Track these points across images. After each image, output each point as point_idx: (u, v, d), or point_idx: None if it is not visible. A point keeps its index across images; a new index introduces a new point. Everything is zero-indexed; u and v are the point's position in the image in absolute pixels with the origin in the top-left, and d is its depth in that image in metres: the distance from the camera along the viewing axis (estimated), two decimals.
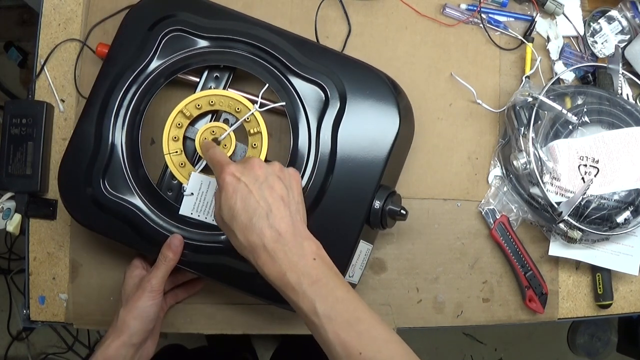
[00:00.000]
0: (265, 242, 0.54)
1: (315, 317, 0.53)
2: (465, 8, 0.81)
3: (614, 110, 0.76)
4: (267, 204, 0.56)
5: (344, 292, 0.55)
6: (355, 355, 0.51)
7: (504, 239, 0.79)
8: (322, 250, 0.57)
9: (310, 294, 0.53)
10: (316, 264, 0.55)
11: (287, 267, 0.54)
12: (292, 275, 0.54)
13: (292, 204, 0.58)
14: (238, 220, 0.56)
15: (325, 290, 0.54)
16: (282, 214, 0.56)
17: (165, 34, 0.69)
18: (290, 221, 0.56)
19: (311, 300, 0.53)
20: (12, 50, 1.66)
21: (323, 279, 0.54)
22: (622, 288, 0.82)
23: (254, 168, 0.58)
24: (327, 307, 0.53)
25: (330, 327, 0.52)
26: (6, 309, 1.67)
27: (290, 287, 0.54)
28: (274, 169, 0.59)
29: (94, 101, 0.69)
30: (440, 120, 0.80)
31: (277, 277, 0.54)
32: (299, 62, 0.68)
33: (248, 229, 0.55)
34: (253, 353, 1.54)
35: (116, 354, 0.62)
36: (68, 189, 0.69)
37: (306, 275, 0.54)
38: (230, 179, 0.57)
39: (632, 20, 0.83)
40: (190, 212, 0.68)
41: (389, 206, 0.67)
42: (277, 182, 0.57)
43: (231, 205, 0.56)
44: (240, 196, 0.56)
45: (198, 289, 0.75)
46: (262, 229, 0.55)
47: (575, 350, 1.77)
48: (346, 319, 0.53)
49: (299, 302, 0.54)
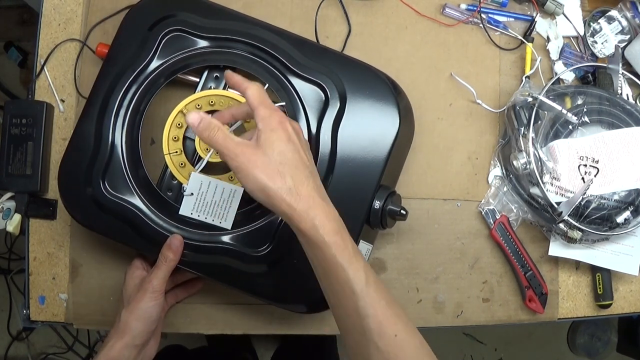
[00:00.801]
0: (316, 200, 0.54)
1: (366, 284, 0.52)
2: (465, 8, 0.81)
3: (614, 110, 0.76)
4: (310, 166, 0.56)
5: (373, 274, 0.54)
6: (390, 336, 0.51)
7: (504, 239, 0.79)
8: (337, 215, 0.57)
9: (361, 265, 0.53)
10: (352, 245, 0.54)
11: (340, 228, 0.54)
12: (344, 238, 0.53)
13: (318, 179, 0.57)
14: (291, 166, 0.54)
15: (365, 265, 0.53)
16: (317, 182, 0.56)
17: (165, 34, 0.69)
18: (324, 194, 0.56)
19: (362, 270, 0.52)
20: (12, 50, 1.66)
21: (360, 256, 0.54)
22: (622, 288, 0.82)
23: (292, 123, 0.57)
24: (368, 280, 0.52)
25: (370, 300, 0.51)
26: (6, 309, 1.67)
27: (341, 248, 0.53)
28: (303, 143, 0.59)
29: (94, 101, 0.69)
30: (440, 120, 0.80)
31: (328, 232, 0.53)
32: (299, 62, 0.68)
33: (300, 181, 0.54)
34: (253, 353, 1.54)
35: (119, 355, 0.62)
36: (68, 189, 0.69)
37: (352, 248, 0.53)
38: (285, 124, 0.55)
39: (632, 20, 0.83)
40: (190, 212, 0.68)
41: (389, 206, 0.67)
42: (308, 152, 0.58)
43: (283, 150, 0.54)
44: (292, 147, 0.55)
45: (198, 289, 0.75)
46: (314, 186, 0.54)
47: (575, 350, 1.77)
48: (384, 297, 0.52)
49: (345, 266, 0.52)
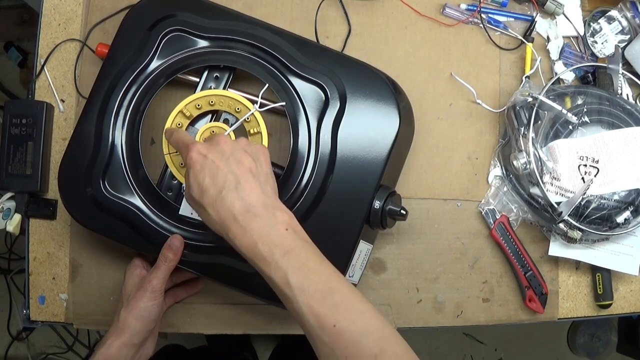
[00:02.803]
0: (235, 213, 0.54)
1: (287, 288, 0.52)
2: (465, 8, 0.81)
3: (614, 110, 0.76)
4: (235, 177, 0.55)
5: (317, 263, 0.53)
6: (329, 327, 0.50)
7: (504, 239, 0.79)
8: (295, 220, 0.56)
9: (282, 264, 0.52)
10: (288, 234, 0.54)
11: (259, 238, 0.53)
12: (264, 246, 0.53)
13: (261, 175, 0.57)
14: (207, 195, 0.55)
15: (298, 260, 0.52)
16: (251, 185, 0.55)
17: (165, 34, 0.69)
18: (261, 192, 0.56)
19: (283, 271, 0.52)
20: (12, 50, 1.66)
21: (295, 249, 0.53)
22: (622, 288, 0.82)
23: (220, 144, 0.57)
24: (299, 278, 0.52)
25: (303, 298, 0.51)
26: (6, 309, 1.67)
27: (262, 258, 0.53)
28: (241, 143, 0.59)
29: (94, 101, 0.69)
30: (440, 120, 0.80)
31: (248, 248, 0.53)
32: (299, 62, 0.68)
33: (218, 203, 0.54)
34: (253, 353, 1.54)
35: (117, 354, 0.62)
36: (68, 189, 0.69)
37: (278, 245, 0.53)
38: (197, 156, 0.57)
39: (632, 20, 0.83)
40: (190, 212, 0.68)
41: (389, 206, 0.67)
42: (245, 156, 0.57)
43: (199, 181, 0.56)
44: (209, 172, 0.55)
45: (198, 289, 0.75)
46: (232, 202, 0.54)
47: (575, 350, 1.77)
48: (319, 289, 0.51)
49: (271, 274, 0.52)
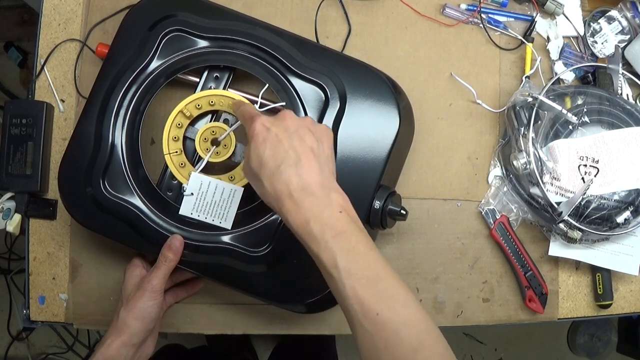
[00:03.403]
0: (291, 189, 0.53)
1: (334, 270, 0.51)
2: (465, 8, 0.81)
3: (614, 110, 0.76)
4: (296, 154, 0.55)
5: (366, 248, 0.53)
6: (372, 315, 0.49)
7: (504, 239, 0.79)
8: (349, 204, 0.55)
9: (332, 245, 0.51)
10: (341, 216, 0.53)
11: (312, 216, 0.52)
12: (316, 225, 0.52)
13: (322, 156, 0.57)
14: (266, 167, 0.55)
15: (348, 243, 0.52)
16: (310, 164, 0.55)
17: (165, 34, 0.69)
18: (319, 171, 0.55)
19: (332, 253, 0.51)
20: (12, 50, 1.66)
21: (347, 232, 0.52)
22: (622, 288, 0.82)
23: (285, 119, 0.57)
24: (348, 261, 0.51)
25: (349, 282, 0.50)
26: (6, 309, 1.67)
27: (312, 236, 0.52)
28: (306, 122, 0.58)
29: (94, 101, 0.69)
30: (440, 120, 0.80)
31: (300, 225, 0.53)
32: (299, 62, 0.68)
33: (275, 176, 0.54)
34: (253, 353, 1.54)
35: (117, 354, 0.62)
36: (68, 189, 0.69)
37: (330, 226, 0.52)
38: (260, 128, 0.56)
39: (632, 20, 0.83)
40: (190, 212, 0.68)
41: (389, 206, 0.67)
42: (308, 134, 0.57)
43: (260, 153, 0.55)
44: (270, 144, 0.55)
45: (198, 289, 0.74)
46: (289, 177, 0.54)
47: (575, 350, 1.77)
48: (366, 275, 0.51)
49: (319, 253, 0.52)
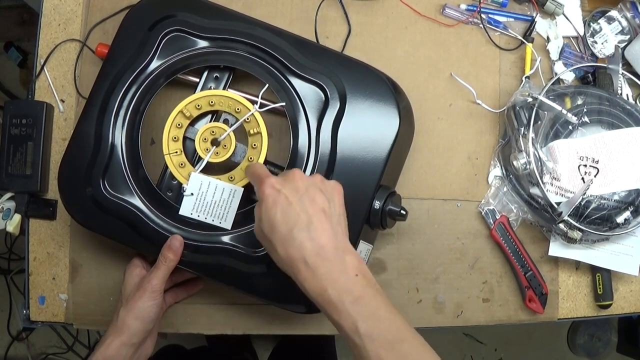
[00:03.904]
0: (305, 255, 0.52)
1: (356, 336, 0.50)
2: (465, 8, 0.81)
3: (613, 110, 0.76)
4: (307, 216, 0.54)
5: (386, 311, 0.52)
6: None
7: (504, 239, 0.79)
8: (364, 265, 0.55)
9: (352, 312, 0.51)
10: (358, 280, 0.53)
11: (329, 283, 0.52)
12: (334, 292, 0.51)
13: (334, 216, 0.56)
14: (278, 232, 0.54)
15: (368, 308, 0.51)
16: (323, 226, 0.54)
17: (165, 34, 0.69)
18: (332, 234, 0.54)
19: (353, 319, 0.51)
20: (12, 50, 1.67)
21: (365, 297, 0.52)
22: (622, 288, 0.82)
23: (295, 179, 0.56)
24: (369, 327, 0.50)
25: (373, 347, 0.50)
26: (6, 309, 1.67)
27: (332, 304, 0.51)
28: (315, 180, 0.57)
29: (94, 101, 0.69)
30: (440, 120, 0.80)
31: (318, 293, 0.52)
32: (299, 62, 0.68)
33: (288, 241, 0.53)
34: (253, 353, 1.54)
35: (116, 354, 0.62)
36: (68, 189, 0.69)
37: (348, 292, 0.51)
38: (270, 190, 0.55)
39: (632, 21, 0.83)
40: (190, 213, 0.68)
41: (389, 206, 0.67)
42: (319, 194, 0.55)
43: (271, 217, 0.54)
44: (281, 208, 0.54)
45: (198, 289, 0.75)
46: (302, 242, 0.53)
47: (575, 350, 1.77)
48: (389, 339, 0.50)
49: (340, 321, 0.51)
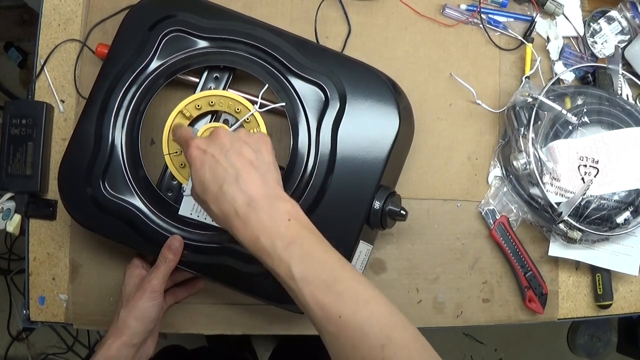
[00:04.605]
0: (236, 207, 0.53)
1: (292, 281, 0.50)
2: (465, 8, 0.81)
3: (613, 110, 0.76)
4: (235, 170, 0.54)
5: (321, 252, 0.52)
6: (334, 318, 0.49)
7: (504, 239, 0.79)
8: (298, 208, 0.55)
9: (285, 257, 0.51)
10: (291, 224, 0.53)
11: (260, 231, 0.52)
12: (266, 239, 0.51)
13: (262, 165, 0.56)
14: (209, 191, 0.54)
15: (301, 251, 0.51)
16: (252, 177, 0.54)
17: (165, 34, 0.69)
18: (262, 183, 0.54)
19: (287, 264, 0.50)
20: (12, 50, 1.67)
21: (298, 240, 0.52)
22: (622, 288, 0.82)
23: (219, 137, 0.57)
24: (303, 269, 0.50)
25: (308, 289, 0.50)
26: (6, 309, 1.67)
27: (265, 251, 0.52)
28: (240, 135, 0.58)
29: (94, 101, 0.69)
30: (440, 120, 0.80)
31: (251, 242, 0.52)
32: (299, 62, 0.68)
33: (219, 198, 0.54)
34: (253, 353, 1.54)
35: (117, 354, 0.62)
36: (68, 189, 0.69)
37: (280, 237, 0.51)
38: (196, 152, 0.56)
39: (632, 21, 0.83)
40: (189, 213, 0.68)
41: (389, 206, 0.67)
42: (245, 147, 0.56)
43: (200, 177, 0.55)
44: (209, 167, 0.55)
45: (198, 289, 0.75)
46: (233, 195, 0.53)
47: (575, 350, 1.77)
48: (324, 279, 0.50)
49: (274, 267, 0.51)
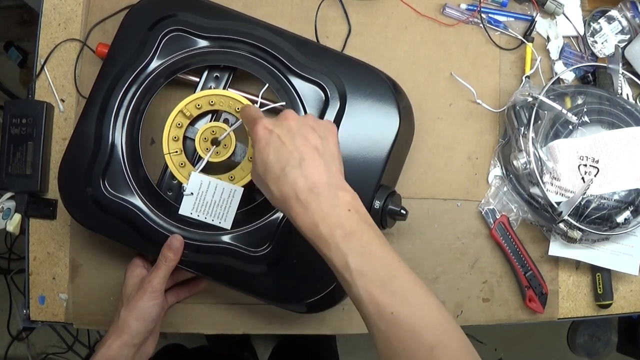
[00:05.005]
0: (297, 191, 0.52)
1: (347, 272, 0.50)
2: (465, 8, 0.81)
3: (614, 110, 0.76)
4: (300, 154, 0.54)
5: (379, 247, 0.51)
6: (387, 315, 0.48)
7: (504, 239, 0.79)
8: (359, 201, 0.54)
9: (342, 247, 0.50)
10: (350, 215, 0.52)
11: (320, 218, 0.51)
12: (325, 226, 0.51)
13: (327, 153, 0.56)
14: (271, 171, 0.54)
15: (359, 243, 0.51)
16: (315, 162, 0.54)
17: (165, 33, 0.69)
18: (325, 170, 0.54)
19: (343, 254, 0.50)
20: (12, 50, 1.67)
21: (357, 232, 0.51)
22: (622, 288, 0.82)
23: (287, 119, 0.56)
24: (360, 262, 0.50)
25: (362, 283, 0.49)
26: (6, 309, 1.67)
27: (322, 239, 0.51)
28: (308, 120, 0.57)
29: (94, 101, 0.69)
30: (440, 120, 0.80)
31: (309, 228, 0.52)
32: (299, 62, 0.68)
33: (281, 180, 0.53)
34: (253, 353, 1.54)
35: (118, 354, 0.62)
36: (68, 189, 0.69)
37: (339, 226, 0.51)
38: (262, 131, 0.56)
39: (632, 20, 0.83)
40: (190, 212, 0.68)
41: (389, 206, 0.67)
42: (311, 132, 0.56)
43: (264, 157, 0.55)
44: (273, 147, 0.54)
45: (200, 289, 0.74)
46: (295, 179, 0.52)
47: (575, 350, 1.77)
48: (380, 275, 0.50)
49: (331, 256, 0.50)
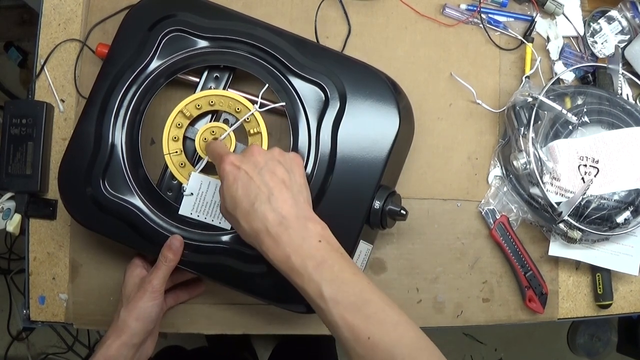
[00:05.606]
0: (268, 226, 0.54)
1: (321, 300, 0.51)
2: (465, 8, 0.81)
3: (613, 110, 0.76)
4: (268, 188, 0.55)
5: (350, 274, 0.53)
6: (363, 339, 0.50)
7: (504, 239, 0.79)
8: (328, 231, 0.56)
9: (315, 277, 0.52)
10: (321, 245, 0.54)
11: (291, 250, 0.53)
12: (297, 258, 0.53)
13: (295, 186, 0.57)
14: (240, 207, 0.55)
15: (331, 272, 0.52)
16: (284, 196, 0.55)
17: (165, 34, 0.69)
18: (294, 203, 0.55)
19: (317, 284, 0.52)
20: (12, 50, 1.67)
21: (328, 261, 0.53)
22: (622, 288, 0.82)
23: (254, 155, 0.58)
24: (333, 290, 0.51)
25: (337, 310, 0.51)
26: (6, 309, 1.67)
27: (295, 271, 0.53)
28: (274, 153, 0.59)
29: (94, 101, 0.69)
30: (440, 120, 0.80)
31: (281, 261, 0.53)
32: (299, 62, 0.68)
33: (250, 215, 0.55)
34: (253, 353, 1.54)
35: (117, 354, 0.62)
36: (68, 189, 0.69)
37: (311, 257, 0.53)
38: (230, 168, 0.57)
39: (632, 20, 0.83)
40: (190, 212, 0.68)
41: (389, 206, 0.67)
42: (278, 166, 0.57)
43: (232, 193, 0.56)
44: (241, 183, 0.56)
45: (199, 292, 0.75)
46: (264, 213, 0.54)
47: (575, 350, 1.77)
48: (353, 301, 0.51)
49: (304, 286, 0.52)
